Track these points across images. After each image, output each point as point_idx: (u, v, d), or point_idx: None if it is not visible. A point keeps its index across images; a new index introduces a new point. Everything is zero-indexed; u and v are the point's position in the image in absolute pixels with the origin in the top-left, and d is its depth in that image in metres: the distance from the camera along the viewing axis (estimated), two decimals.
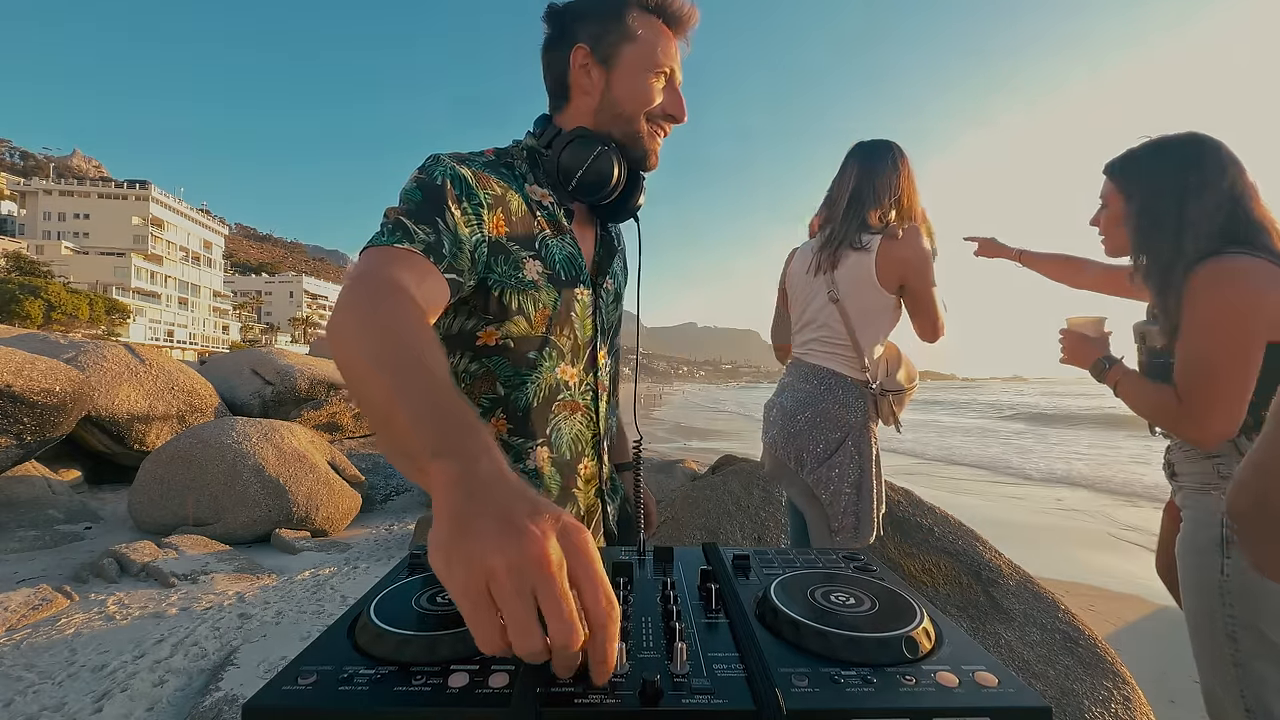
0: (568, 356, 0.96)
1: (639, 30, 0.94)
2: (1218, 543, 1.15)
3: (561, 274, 0.93)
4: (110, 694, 2.24)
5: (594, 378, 1.01)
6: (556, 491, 0.96)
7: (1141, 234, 1.24)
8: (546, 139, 0.97)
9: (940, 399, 42.42)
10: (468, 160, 0.89)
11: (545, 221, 0.94)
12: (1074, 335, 1.40)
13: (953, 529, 2.85)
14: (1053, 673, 2.19)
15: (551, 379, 0.94)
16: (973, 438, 15.62)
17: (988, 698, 0.44)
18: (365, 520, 5.03)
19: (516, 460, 0.93)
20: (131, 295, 63.90)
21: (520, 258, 0.90)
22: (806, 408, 1.66)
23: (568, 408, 0.97)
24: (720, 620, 0.57)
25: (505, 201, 0.90)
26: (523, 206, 0.92)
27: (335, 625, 0.55)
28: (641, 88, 0.94)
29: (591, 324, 0.99)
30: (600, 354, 1.02)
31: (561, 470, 0.96)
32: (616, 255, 1.07)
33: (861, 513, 1.58)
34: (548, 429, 0.95)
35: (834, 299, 1.65)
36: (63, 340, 6.17)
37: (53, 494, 4.79)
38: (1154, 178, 1.23)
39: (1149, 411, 1.22)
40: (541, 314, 0.91)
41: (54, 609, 2.95)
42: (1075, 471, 9.43)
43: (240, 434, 4.57)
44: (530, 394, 0.93)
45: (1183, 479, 1.25)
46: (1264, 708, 1.10)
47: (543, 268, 0.91)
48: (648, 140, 0.97)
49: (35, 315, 37.29)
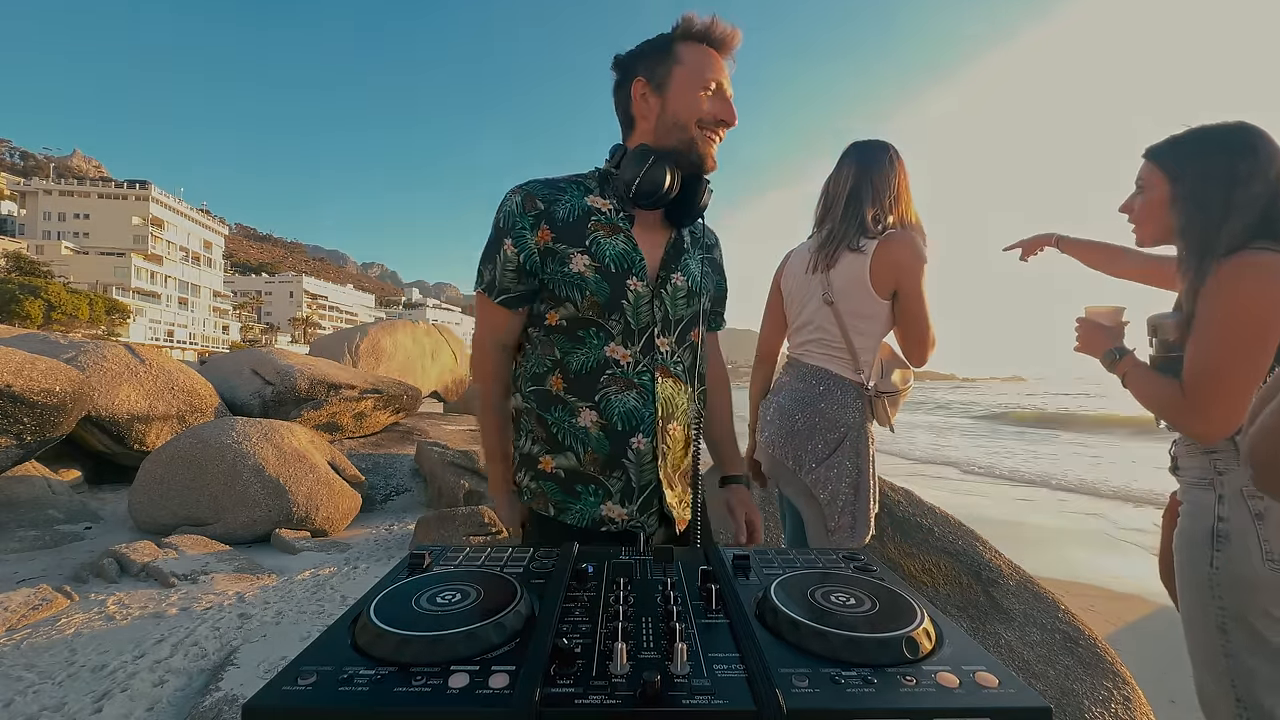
0: (618, 338, 1.10)
1: (686, 56, 1.10)
2: (1209, 536, 1.15)
3: (612, 266, 1.09)
4: (110, 694, 2.24)
5: (651, 360, 1.12)
6: (604, 456, 1.09)
7: (1186, 218, 1.20)
8: (616, 160, 1.14)
9: (944, 400, 42.37)
10: (527, 185, 1.12)
11: (600, 224, 1.11)
12: (1089, 324, 1.39)
13: (953, 529, 2.85)
14: (1053, 673, 2.19)
15: (600, 355, 1.10)
16: (971, 438, 15.61)
17: (988, 698, 0.44)
18: (365, 520, 5.02)
19: (570, 415, 1.10)
20: (131, 295, 63.88)
21: (568, 254, 1.08)
22: (805, 408, 1.66)
23: (618, 383, 1.10)
24: (720, 620, 0.57)
25: (550, 214, 1.09)
26: (574, 213, 1.10)
27: (335, 625, 0.55)
28: (692, 100, 1.09)
29: (648, 312, 1.11)
30: (660, 340, 1.13)
31: (611, 438, 1.09)
32: (686, 255, 1.19)
33: (858, 512, 1.59)
34: (596, 396, 1.09)
35: (828, 301, 1.64)
36: (63, 340, 6.16)
37: (53, 494, 4.79)
38: (1205, 161, 1.19)
39: (1154, 404, 1.21)
40: (589, 301, 1.08)
41: (54, 609, 2.94)
42: (1076, 472, 9.42)
43: (240, 434, 4.57)
44: (579, 363, 1.10)
45: (1183, 473, 1.26)
46: (1254, 700, 1.10)
47: (590, 261, 1.08)
48: (702, 145, 1.11)
49: (35, 315, 37.29)
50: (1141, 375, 1.25)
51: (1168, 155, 1.26)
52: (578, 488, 1.11)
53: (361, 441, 7.28)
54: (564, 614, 0.58)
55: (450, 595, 0.59)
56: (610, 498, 1.10)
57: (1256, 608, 1.09)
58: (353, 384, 7.18)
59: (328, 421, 7.05)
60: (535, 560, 0.73)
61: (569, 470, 1.11)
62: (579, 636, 0.54)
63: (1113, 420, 17.49)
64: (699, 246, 1.22)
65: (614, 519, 1.10)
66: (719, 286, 1.30)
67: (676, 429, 1.15)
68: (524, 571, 0.69)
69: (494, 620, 0.53)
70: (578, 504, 1.11)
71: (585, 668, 0.48)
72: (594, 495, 1.10)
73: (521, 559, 0.73)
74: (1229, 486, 1.15)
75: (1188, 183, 1.21)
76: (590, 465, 1.10)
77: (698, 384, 1.20)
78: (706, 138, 1.11)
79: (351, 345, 10.33)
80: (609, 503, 1.10)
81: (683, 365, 1.17)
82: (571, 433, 1.10)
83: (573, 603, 0.61)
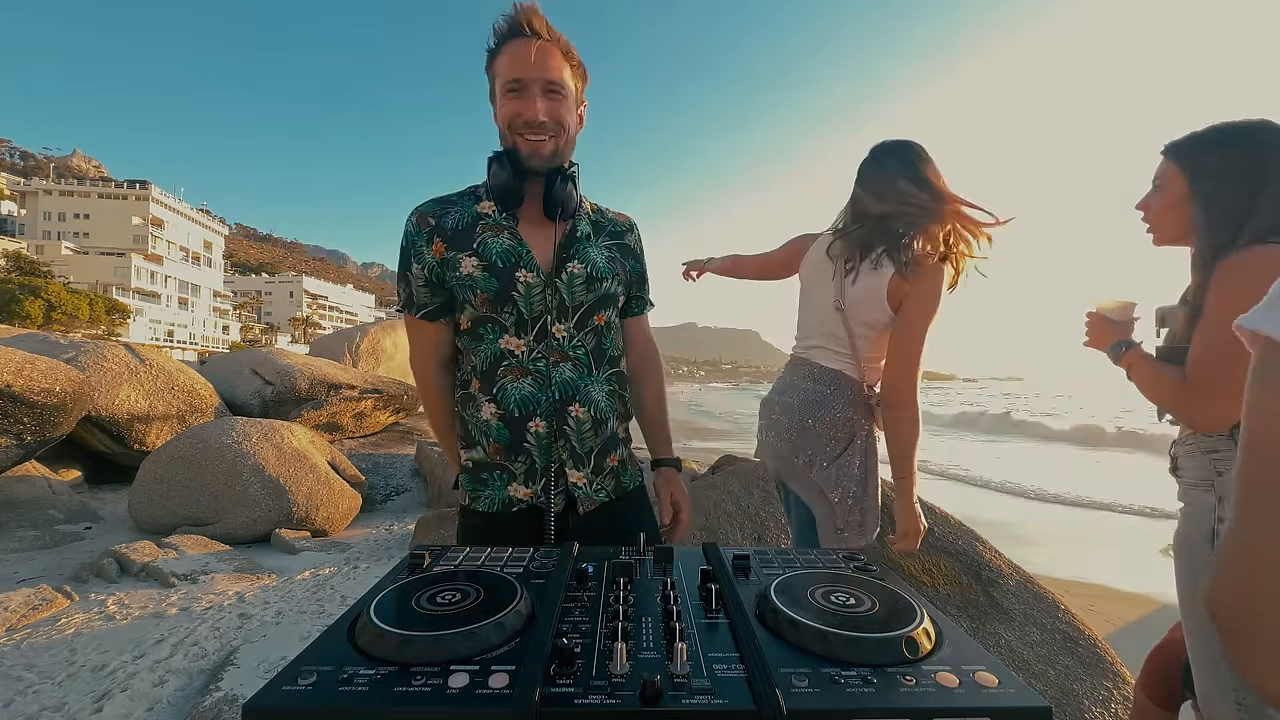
0: (511, 329, 1.16)
1: (497, 63, 1.14)
2: (1207, 538, 1.15)
3: (499, 262, 1.15)
4: (110, 694, 2.24)
5: (546, 346, 1.17)
6: (505, 443, 1.16)
7: (1205, 218, 1.18)
8: None
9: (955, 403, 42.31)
10: (422, 205, 1.20)
11: (488, 226, 1.17)
12: (1098, 318, 1.38)
13: (953, 529, 2.85)
14: (1053, 673, 2.19)
15: (495, 348, 1.17)
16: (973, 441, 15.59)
17: (988, 698, 0.44)
18: (365, 520, 5.02)
19: (476, 411, 1.18)
20: (131, 295, 63.82)
21: (458, 259, 1.15)
22: (818, 409, 1.64)
23: (514, 372, 1.16)
24: (720, 620, 0.57)
25: (440, 227, 1.16)
26: (463, 222, 1.17)
27: (335, 625, 0.55)
28: (503, 109, 1.14)
29: (541, 301, 1.16)
30: (555, 328, 1.17)
31: (510, 425, 1.16)
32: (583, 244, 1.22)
33: (867, 509, 1.60)
34: (494, 388, 1.16)
35: (839, 308, 1.64)
36: (63, 340, 6.16)
37: (53, 494, 4.79)
38: (1226, 160, 1.17)
39: (1155, 393, 1.21)
40: (481, 298, 1.14)
41: (54, 609, 2.94)
42: (1076, 473, 9.42)
43: (240, 434, 4.57)
44: (481, 359, 1.18)
45: (1183, 473, 1.26)
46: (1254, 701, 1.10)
47: (478, 261, 1.14)
48: (523, 146, 1.14)
49: (35, 315, 37.27)
50: (1146, 366, 1.25)
51: (1186, 153, 1.22)
52: (484, 475, 1.19)
53: (361, 441, 7.28)
54: (564, 614, 0.58)
55: (450, 595, 0.59)
56: (515, 479, 1.17)
57: None
58: (353, 384, 7.18)
59: (328, 421, 7.05)
60: (535, 560, 0.73)
61: (476, 461, 1.20)
62: (579, 636, 0.54)
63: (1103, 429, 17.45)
64: (603, 234, 1.27)
65: (520, 499, 1.17)
66: (633, 270, 1.31)
67: (579, 410, 1.18)
68: (524, 571, 0.69)
69: (494, 620, 0.53)
70: (485, 490, 1.19)
71: (585, 668, 0.48)
72: (500, 480, 1.18)
73: (521, 559, 0.73)
74: (1229, 488, 1.14)
75: (1207, 181, 1.18)
76: (495, 454, 1.18)
77: (606, 366, 1.24)
78: (526, 140, 1.14)
79: (351, 345, 10.33)
80: (514, 484, 1.17)
81: (584, 349, 1.20)
82: (478, 426, 1.19)
83: (573, 603, 0.61)
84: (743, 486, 3.26)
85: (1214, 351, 1.09)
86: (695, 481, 3.84)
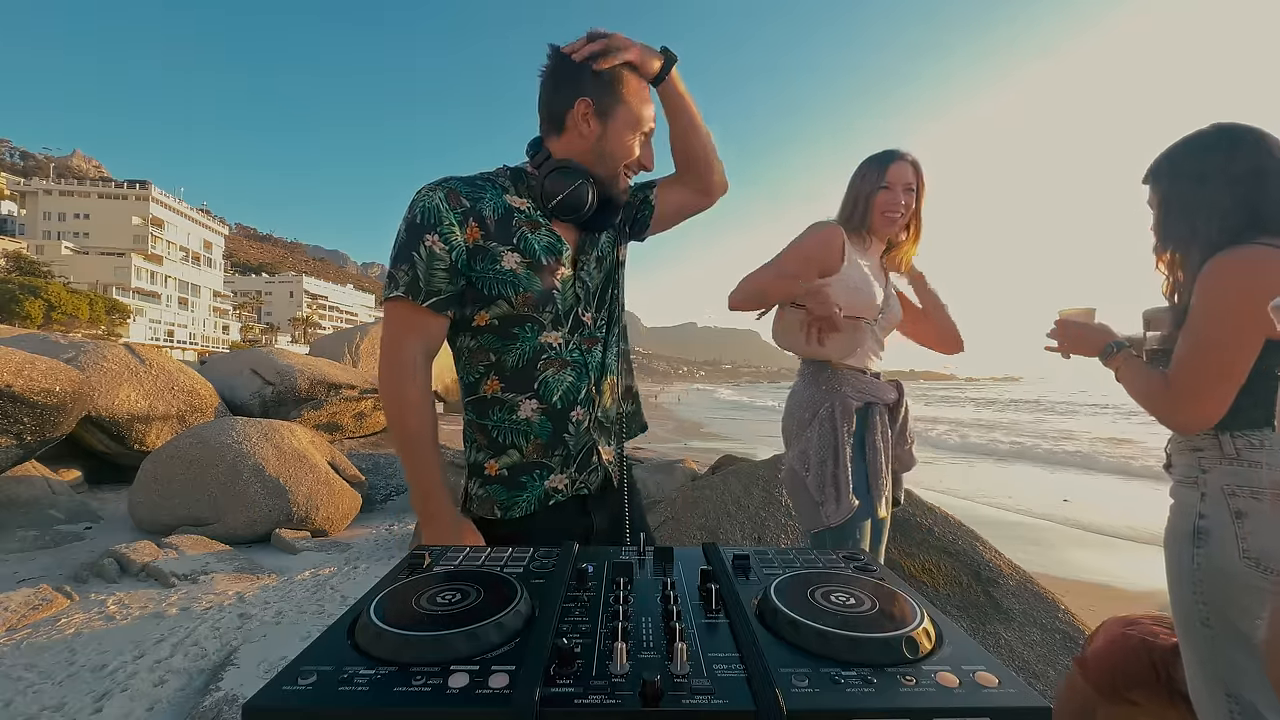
0: (548, 325, 1.12)
1: (629, 95, 1.13)
2: (1190, 534, 1.17)
3: (543, 259, 1.11)
4: (110, 694, 2.24)
5: (579, 336, 1.16)
6: (546, 439, 1.12)
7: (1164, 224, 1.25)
8: (537, 162, 1.15)
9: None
10: (444, 183, 1.09)
11: (524, 221, 1.13)
12: (1073, 325, 1.42)
13: (953, 529, 2.85)
14: (1053, 673, 2.20)
15: (535, 345, 1.12)
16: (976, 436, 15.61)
17: (988, 698, 0.44)
18: (365, 520, 5.02)
19: (510, 412, 1.12)
20: (131, 295, 63.79)
21: (499, 252, 1.09)
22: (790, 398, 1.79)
23: (554, 365, 1.13)
24: (720, 620, 0.57)
25: (477, 211, 1.09)
26: (498, 212, 1.11)
27: (335, 625, 0.55)
28: (627, 145, 1.14)
29: (573, 293, 1.15)
30: (585, 316, 1.17)
31: (553, 418, 1.12)
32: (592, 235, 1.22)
33: (841, 482, 1.59)
34: (535, 384, 1.12)
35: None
36: (63, 340, 6.17)
37: (53, 494, 4.79)
38: (1177, 165, 1.24)
39: (1140, 395, 1.23)
40: (523, 297, 1.09)
41: (54, 609, 2.94)
42: (1076, 471, 9.42)
43: (240, 434, 4.57)
44: (515, 359, 1.12)
45: (1174, 470, 1.28)
46: (1240, 693, 1.11)
47: (521, 257, 1.10)
48: (622, 182, 1.17)
49: (35, 315, 37.27)
50: (1133, 368, 1.28)
51: (1154, 169, 1.30)
52: (522, 479, 1.12)
53: (361, 441, 7.29)
54: (564, 614, 0.58)
55: (450, 595, 0.59)
56: (553, 472, 1.13)
57: (1236, 603, 1.11)
58: (353, 384, 7.19)
59: (328, 421, 7.05)
60: (535, 560, 0.73)
61: (513, 466, 1.12)
62: (579, 636, 0.54)
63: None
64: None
65: (559, 489, 1.13)
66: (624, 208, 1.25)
67: (608, 386, 1.20)
68: (524, 571, 0.69)
69: (494, 620, 0.53)
70: (524, 494, 1.12)
71: (585, 668, 0.48)
72: (538, 477, 1.12)
73: (521, 559, 0.73)
74: (1211, 484, 1.16)
75: (1163, 188, 1.26)
76: (534, 454, 1.12)
77: (618, 334, 1.25)
78: (626, 177, 1.17)
79: (351, 345, 10.33)
80: (553, 476, 1.13)
81: (604, 325, 1.21)
82: (512, 429, 1.12)
83: (573, 602, 0.61)
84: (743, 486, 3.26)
85: (1190, 356, 1.12)
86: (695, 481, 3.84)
